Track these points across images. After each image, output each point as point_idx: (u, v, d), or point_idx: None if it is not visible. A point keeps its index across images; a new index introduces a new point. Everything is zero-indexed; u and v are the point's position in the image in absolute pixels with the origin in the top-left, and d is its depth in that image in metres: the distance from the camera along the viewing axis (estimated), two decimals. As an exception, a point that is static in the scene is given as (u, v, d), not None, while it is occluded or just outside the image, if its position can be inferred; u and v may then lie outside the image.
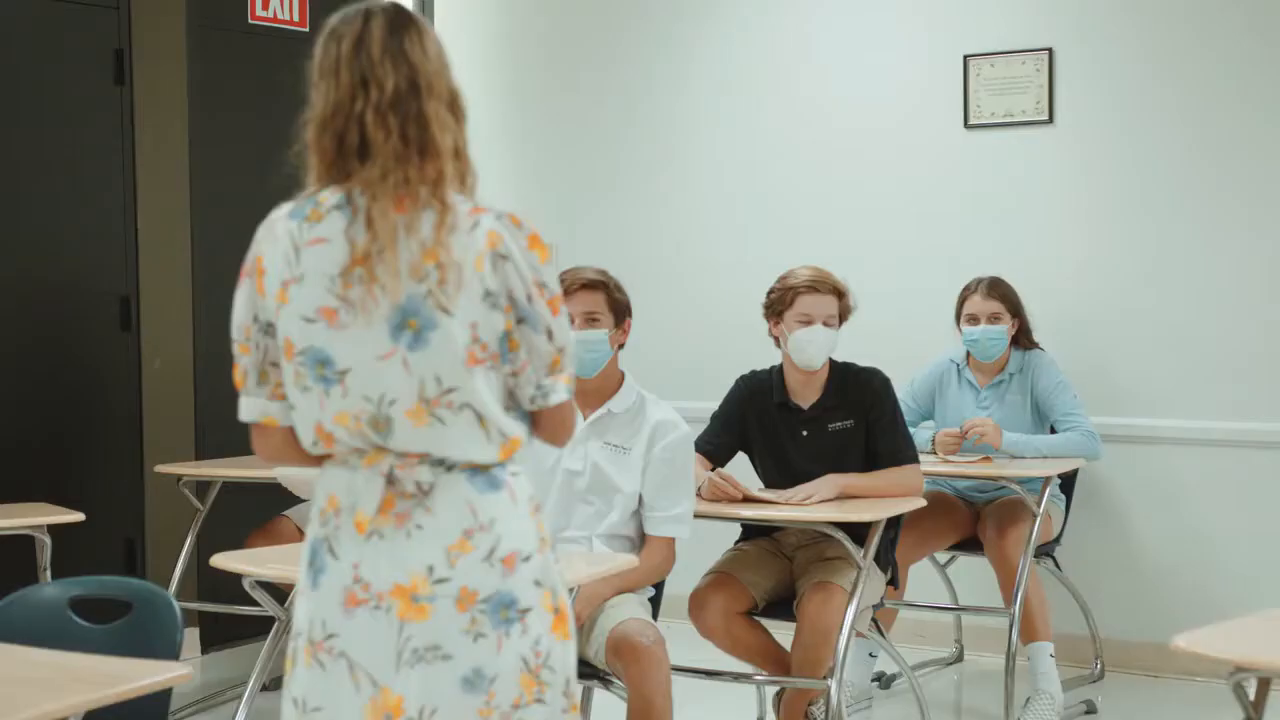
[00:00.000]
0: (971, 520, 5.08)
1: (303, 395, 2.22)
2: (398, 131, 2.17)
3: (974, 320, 5.06)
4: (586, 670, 3.63)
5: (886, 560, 4.30)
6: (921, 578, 5.30)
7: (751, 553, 4.36)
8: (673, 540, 3.84)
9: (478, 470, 2.22)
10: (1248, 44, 5.21)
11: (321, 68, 2.22)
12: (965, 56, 5.64)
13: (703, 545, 4.25)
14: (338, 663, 2.22)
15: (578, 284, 3.78)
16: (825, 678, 4.01)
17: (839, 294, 4.32)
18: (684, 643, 4.11)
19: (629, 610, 3.63)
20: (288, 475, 4.97)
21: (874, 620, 4.34)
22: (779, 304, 4.33)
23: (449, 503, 2.21)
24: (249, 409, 2.30)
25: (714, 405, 4.47)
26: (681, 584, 4.21)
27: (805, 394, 4.36)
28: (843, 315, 4.33)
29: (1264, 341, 5.19)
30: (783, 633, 4.26)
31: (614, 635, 3.53)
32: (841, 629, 3.99)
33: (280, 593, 3.62)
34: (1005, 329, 5.04)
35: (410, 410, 2.18)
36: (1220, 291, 5.26)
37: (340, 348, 2.18)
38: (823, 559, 4.24)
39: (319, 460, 2.29)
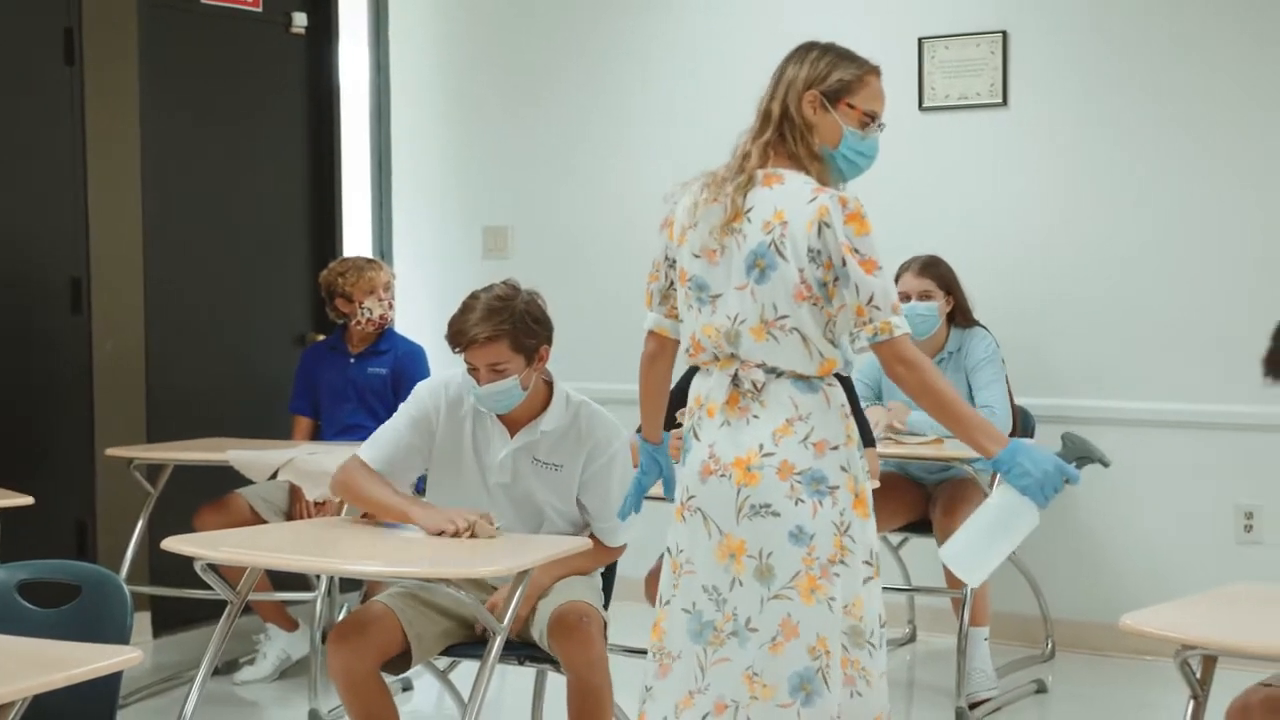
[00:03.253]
0: (924, 501, 5.11)
1: (688, 311, 3.07)
2: (775, 131, 3.05)
3: (905, 298, 5.08)
4: (538, 654, 3.63)
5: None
6: (875, 558, 5.32)
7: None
8: (624, 545, 3.84)
9: (800, 378, 2.97)
10: (1202, 25, 5.23)
11: None
12: (919, 39, 5.65)
13: (655, 527, 4.23)
14: (695, 516, 3.02)
15: (475, 342, 3.59)
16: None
17: None
18: (641, 625, 4.10)
19: (572, 592, 3.61)
20: (240, 458, 4.95)
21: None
22: None
23: (777, 399, 2.97)
24: (649, 320, 3.17)
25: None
26: (636, 566, 4.21)
27: None
28: None
29: (1215, 323, 5.23)
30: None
31: (552, 617, 3.52)
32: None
33: (232, 575, 3.59)
34: (936, 306, 5.05)
35: (754, 328, 2.97)
36: (1174, 273, 5.29)
37: (714, 278, 3.01)
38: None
39: (662, 378, 3.20)
